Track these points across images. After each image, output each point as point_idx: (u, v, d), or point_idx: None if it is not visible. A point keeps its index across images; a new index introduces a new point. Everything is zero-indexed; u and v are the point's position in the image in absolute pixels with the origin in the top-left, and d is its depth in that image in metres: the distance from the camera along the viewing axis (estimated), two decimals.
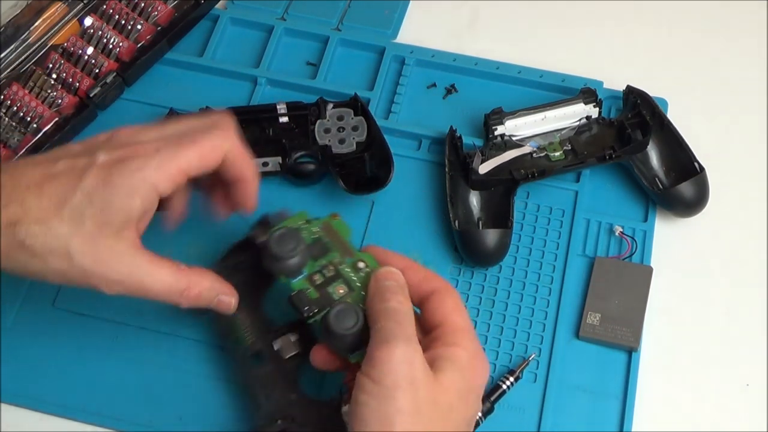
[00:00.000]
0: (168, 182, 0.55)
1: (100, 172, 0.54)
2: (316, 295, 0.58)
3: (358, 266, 0.59)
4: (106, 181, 0.54)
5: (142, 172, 0.54)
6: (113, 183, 0.54)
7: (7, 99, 0.75)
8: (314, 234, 0.60)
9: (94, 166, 0.54)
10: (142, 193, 0.54)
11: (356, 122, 0.74)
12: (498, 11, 0.84)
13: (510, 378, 0.64)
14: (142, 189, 0.54)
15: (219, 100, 0.76)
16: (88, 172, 0.54)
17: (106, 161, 0.55)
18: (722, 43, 0.81)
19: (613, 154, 0.70)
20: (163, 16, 0.80)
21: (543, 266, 0.70)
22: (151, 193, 0.55)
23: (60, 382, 0.66)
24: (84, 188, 0.54)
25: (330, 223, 0.61)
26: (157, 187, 0.55)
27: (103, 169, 0.54)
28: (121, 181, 0.54)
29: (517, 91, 0.78)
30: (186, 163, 0.56)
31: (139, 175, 0.54)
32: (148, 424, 0.64)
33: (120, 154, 0.55)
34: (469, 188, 0.71)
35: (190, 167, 0.56)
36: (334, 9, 0.82)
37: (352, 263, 0.59)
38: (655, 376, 0.66)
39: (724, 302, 0.69)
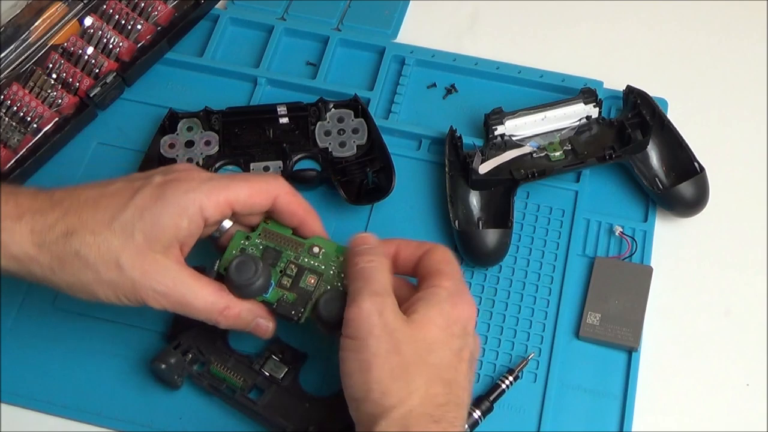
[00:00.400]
0: (215, 209, 0.59)
1: (153, 190, 0.58)
2: (294, 297, 0.61)
3: (313, 252, 0.62)
4: (157, 198, 0.57)
5: (193, 194, 0.58)
6: (164, 200, 0.57)
7: (7, 99, 0.75)
8: (260, 245, 0.62)
9: (148, 185, 0.58)
10: (190, 214, 0.58)
11: (356, 124, 0.74)
12: (498, 11, 0.84)
13: (509, 377, 0.64)
14: (190, 209, 0.58)
15: (219, 100, 0.76)
16: (142, 191, 0.58)
17: (160, 181, 0.58)
18: (722, 43, 0.81)
19: (613, 154, 0.70)
20: (163, 16, 0.80)
21: (543, 266, 0.70)
22: (197, 216, 0.58)
23: (60, 382, 0.66)
24: (136, 204, 0.57)
25: (266, 228, 0.63)
26: (204, 210, 0.58)
27: (156, 188, 0.58)
28: (172, 199, 0.57)
29: (517, 91, 0.78)
30: (234, 195, 0.59)
31: (189, 196, 0.58)
32: (148, 424, 0.64)
33: (174, 176, 0.59)
34: (469, 188, 0.71)
35: (237, 199, 0.59)
36: (334, 9, 0.82)
37: (307, 252, 0.62)
38: (655, 376, 0.66)
39: (724, 302, 0.69)
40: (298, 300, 0.60)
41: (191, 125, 0.75)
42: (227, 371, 0.64)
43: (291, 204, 0.62)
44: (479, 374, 0.66)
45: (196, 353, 0.64)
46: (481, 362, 0.66)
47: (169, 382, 0.64)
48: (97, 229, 0.56)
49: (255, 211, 0.62)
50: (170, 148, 0.74)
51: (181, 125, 0.75)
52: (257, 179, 0.62)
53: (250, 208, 0.61)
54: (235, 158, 0.73)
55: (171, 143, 0.74)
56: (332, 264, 0.62)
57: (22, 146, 0.74)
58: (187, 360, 0.64)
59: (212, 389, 0.64)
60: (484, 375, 0.66)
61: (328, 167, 0.72)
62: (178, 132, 0.74)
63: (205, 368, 0.64)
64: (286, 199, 0.62)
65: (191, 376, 0.64)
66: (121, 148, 0.76)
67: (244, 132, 0.74)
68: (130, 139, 0.76)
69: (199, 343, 0.65)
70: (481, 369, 0.66)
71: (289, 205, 0.62)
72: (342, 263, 0.61)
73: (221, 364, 0.64)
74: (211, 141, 0.74)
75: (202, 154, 0.73)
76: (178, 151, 0.73)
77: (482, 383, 0.65)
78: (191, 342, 0.64)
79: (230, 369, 0.64)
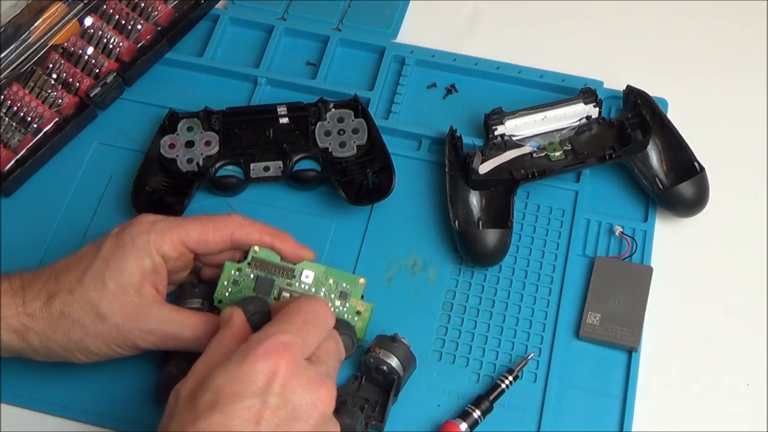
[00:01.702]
0: (169, 246, 0.61)
1: (112, 240, 0.61)
2: None
3: (303, 278, 0.64)
4: (117, 246, 0.61)
5: (146, 235, 0.61)
6: (123, 247, 0.61)
7: (8, 99, 0.75)
8: (250, 275, 0.64)
9: (108, 238, 0.62)
10: (149, 253, 0.61)
11: (356, 124, 0.74)
12: (498, 11, 0.84)
13: (509, 377, 0.64)
14: (148, 249, 0.61)
15: (219, 100, 0.76)
16: (103, 244, 0.61)
17: (116, 231, 0.62)
18: (722, 43, 0.81)
19: (613, 154, 0.70)
20: (163, 16, 0.80)
21: (543, 266, 0.70)
22: (156, 255, 0.61)
23: (60, 382, 0.66)
24: (101, 256, 0.61)
25: (255, 257, 0.64)
26: (159, 248, 0.61)
27: (114, 238, 0.62)
28: (129, 243, 0.61)
29: (517, 91, 0.78)
30: (185, 234, 0.62)
31: (143, 237, 0.61)
32: (148, 424, 0.64)
33: (128, 224, 0.62)
34: (469, 188, 0.71)
35: (189, 237, 0.62)
36: (334, 9, 0.82)
37: (298, 278, 0.64)
38: (655, 376, 0.66)
39: (724, 302, 0.69)
40: None
41: (191, 125, 0.75)
42: None
43: (250, 234, 0.64)
44: (479, 374, 0.66)
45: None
46: (481, 362, 0.66)
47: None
48: (73, 287, 0.60)
49: (212, 248, 0.64)
50: (170, 148, 0.74)
51: (181, 125, 0.75)
52: (211, 218, 0.64)
53: (205, 246, 0.63)
54: (235, 158, 0.73)
55: (171, 143, 0.74)
56: (322, 286, 0.64)
57: (23, 146, 0.74)
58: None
59: None
60: (484, 375, 0.66)
61: (328, 167, 0.72)
62: (178, 132, 0.74)
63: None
64: (242, 231, 0.63)
65: None
66: (121, 148, 0.76)
67: (244, 132, 0.74)
68: (130, 139, 0.77)
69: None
70: (481, 369, 0.66)
71: (249, 236, 0.64)
72: (331, 285, 0.63)
73: None
74: (211, 141, 0.74)
75: (202, 154, 0.73)
76: (178, 151, 0.73)
77: (482, 383, 0.66)
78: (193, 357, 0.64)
79: None
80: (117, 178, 0.75)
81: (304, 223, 0.72)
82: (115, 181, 0.75)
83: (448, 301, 0.69)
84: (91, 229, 0.72)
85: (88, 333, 0.60)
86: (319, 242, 0.70)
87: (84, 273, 0.60)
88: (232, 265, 0.64)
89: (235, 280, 0.64)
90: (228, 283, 0.64)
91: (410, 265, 0.70)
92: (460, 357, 0.67)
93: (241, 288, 0.64)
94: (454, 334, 0.68)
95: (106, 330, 0.60)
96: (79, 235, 0.72)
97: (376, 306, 0.65)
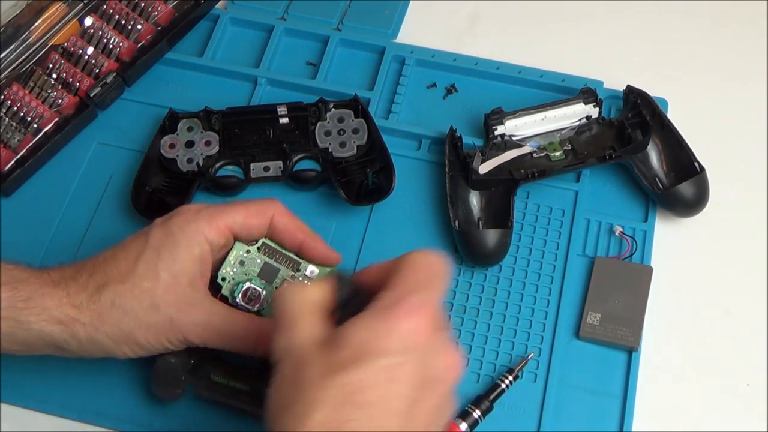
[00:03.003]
0: (216, 233, 0.61)
1: (159, 230, 0.60)
2: None
3: (308, 272, 0.64)
4: (166, 236, 0.60)
5: (194, 223, 0.60)
6: (173, 236, 0.60)
7: (8, 99, 0.75)
8: (257, 260, 0.64)
9: (154, 227, 0.61)
10: (198, 242, 0.60)
11: (356, 124, 0.74)
12: (498, 11, 0.84)
13: (509, 377, 0.64)
14: (197, 238, 0.60)
15: (219, 100, 0.76)
16: (151, 233, 0.60)
17: (161, 221, 0.61)
18: (722, 42, 0.81)
19: (613, 154, 0.70)
20: (163, 16, 0.80)
21: (543, 266, 0.70)
22: (204, 242, 0.60)
23: (60, 382, 0.66)
24: (151, 246, 0.59)
25: (266, 243, 0.64)
26: (206, 236, 0.60)
27: (161, 227, 0.60)
28: (179, 233, 0.60)
29: (517, 91, 0.78)
30: (231, 219, 0.61)
31: (191, 226, 0.60)
32: (148, 424, 0.64)
33: (172, 214, 0.61)
34: (469, 188, 0.71)
35: (235, 222, 0.62)
36: (334, 9, 0.82)
37: (302, 272, 0.64)
38: (655, 376, 0.66)
39: (724, 302, 0.69)
40: None
41: (191, 125, 0.75)
42: (228, 377, 0.63)
43: (288, 225, 0.63)
44: (479, 374, 0.66)
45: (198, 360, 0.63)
46: (481, 362, 0.66)
47: (174, 383, 0.63)
48: (124, 277, 0.59)
49: (254, 233, 0.63)
50: (170, 148, 0.74)
51: (181, 125, 0.75)
52: (254, 202, 0.64)
53: (249, 230, 0.63)
54: (235, 158, 0.73)
55: (171, 143, 0.74)
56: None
57: (23, 146, 0.74)
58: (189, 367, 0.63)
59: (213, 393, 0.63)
60: (484, 375, 0.66)
61: (328, 167, 0.72)
62: (178, 132, 0.74)
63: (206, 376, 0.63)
64: (281, 219, 0.63)
65: (193, 386, 0.63)
66: (121, 148, 0.76)
67: (244, 132, 0.74)
68: (130, 139, 0.77)
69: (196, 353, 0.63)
70: (481, 369, 0.66)
71: (286, 225, 0.63)
72: None
73: (223, 373, 0.63)
74: (212, 141, 0.74)
75: (203, 154, 0.73)
76: (178, 151, 0.73)
77: (482, 383, 0.66)
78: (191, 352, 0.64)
79: (230, 375, 0.63)
80: (117, 178, 0.75)
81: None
82: (115, 181, 0.75)
83: (448, 301, 0.69)
84: (91, 229, 0.72)
85: (140, 324, 0.58)
86: None
87: (135, 263, 0.59)
88: (241, 246, 0.63)
89: (242, 260, 0.63)
90: (235, 262, 0.63)
91: None
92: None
93: (246, 270, 0.63)
94: (454, 334, 0.68)
95: (158, 321, 0.58)
96: (79, 235, 0.72)
97: None
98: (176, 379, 0.63)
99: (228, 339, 0.60)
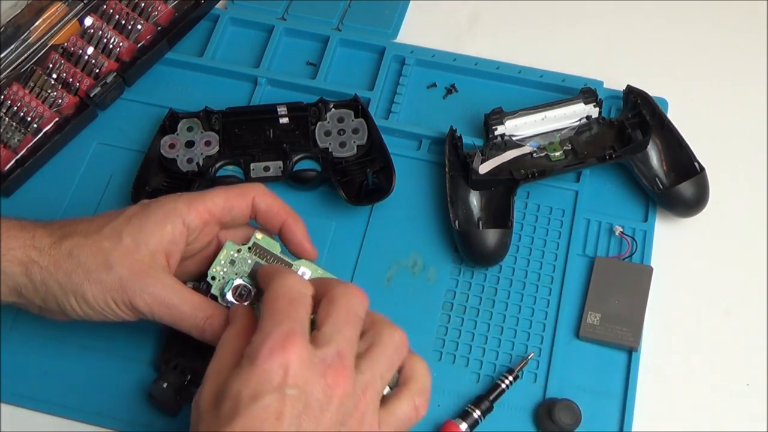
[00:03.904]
0: (195, 215, 0.61)
1: (139, 206, 0.62)
2: None
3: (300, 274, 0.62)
4: (142, 209, 0.61)
5: (173, 203, 0.61)
6: (148, 210, 0.61)
7: (8, 99, 0.75)
8: (248, 260, 0.63)
9: (134, 205, 0.63)
10: (173, 220, 0.61)
11: (356, 124, 0.74)
12: (498, 11, 0.84)
13: (509, 377, 0.64)
14: (173, 216, 0.61)
15: (219, 100, 0.76)
16: (130, 208, 0.62)
17: (144, 201, 0.63)
18: (722, 42, 0.81)
19: (613, 154, 0.70)
20: (163, 16, 0.80)
21: (543, 266, 0.70)
22: (179, 223, 0.61)
23: (60, 382, 0.66)
24: (125, 214, 0.61)
25: (257, 242, 0.64)
26: (184, 217, 0.61)
27: (141, 205, 0.62)
28: (156, 209, 0.61)
29: (517, 91, 0.78)
30: (212, 203, 0.62)
31: (170, 205, 0.61)
32: (148, 424, 0.64)
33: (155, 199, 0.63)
34: (469, 188, 0.71)
35: (215, 204, 0.62)
36: (334, 9, 0.82)
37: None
38: (655, 376, 0.66)
39: (724, 302, 0.69)
40: None
41: (191, 125, 0.75)
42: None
43: (271, 206, 0.64)
44: (479, 374, 0.66)
45: (194, 375, 0.64)
46: (481, 362, 0.66)
47: (170, 405, 0.63)
48: (89, 234, 0.60)
49: (237, 216, 0.63)
50: (170, 148, 0.74)
51: (181, 125, 0.75)
52: (234, 186, 0.64)
53: (230, 213, 0.63)
54: (235, 158, 0.73)
55: (171, 143, 0.74)
56: None
57: (23, 146, 0.74)
58: (186, 381, 0.63)
59: None
60: (484, 375, 0.66)
61: (328, 167, 0.72)
62: (178, 132, 0.74)
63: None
64: (264, 200, 0.63)
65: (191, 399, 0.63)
66: (121, 148, 0.76)
67: (244, 132, 0.74)
68: (130, 139, 0.77)
69: (194, 364, 0.64)
70: (481, 369, 0.66)
71: (270, 206, 0.63)
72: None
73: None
74: (212, 141, 0.74)
75: (202, 154, 0.73)
76: (178, 151, 0.73)
77: (482, 383, 0.66)
78: (186, 363, 0.64)
79: None
80: (117, 178, 0.75)
81: (305, 222, 0.72)
82: (115, 181, 0.75)
83: (448, 301, 0.69)
84: None
85: (90, 278, 0.59)
86: (319, 242, 0.70)
87: (103, 225, 0.61)
88: (232, 246, 0.63)
89: (232, 260, 0.63)
90: (225, 262, 0.63)
91: (410, 265, 0.70)
92: (460, 357, 0.67)
93: (237, 270, 0.63)
94: (454, 334, 0.68)
95: (108, 280, 0.59)
96: None
97: (377, 306, 0.65)
98: (170, 401, 0.63)
99: (176, 315, 0.59)
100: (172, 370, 0.64)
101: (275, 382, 0.50)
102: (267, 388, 0.50)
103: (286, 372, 0.50)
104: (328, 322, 0.53)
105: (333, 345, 0.52)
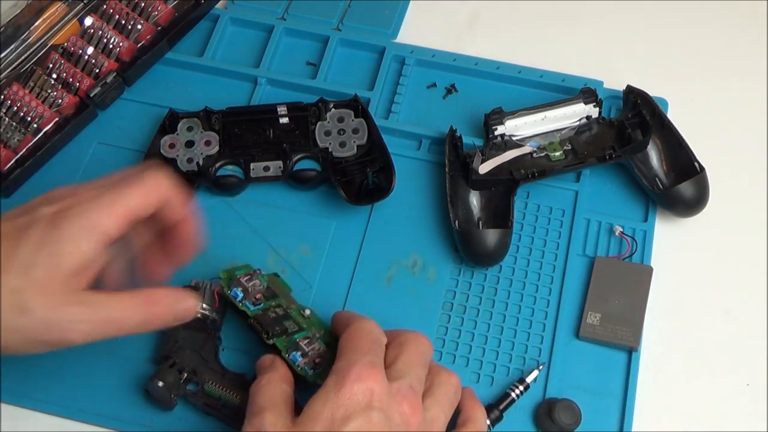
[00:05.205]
0: (116, 223, 0.55)
1: (44, 224, 0.54)
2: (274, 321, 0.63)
3: (304, 313, 0.65)
4: (52, 229, 0.53)
5: (88, 215, 0.54)
6: (60, 230, 0.53)
7: (8, 99, 0.75)
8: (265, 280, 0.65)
9: (37, 220, 0.54)
10: (90, 236, 0.54)
11: (356, 124, 0.74)
12: (498, 11, 0.84)
13: (519, 387, 0.64)
14: (89, 232, 0.54)
15: (219, 100, 0.76)
16: (32, 227, 0.54)
17: (48, 213, 0.54)
18: (722, 42, 0.81)
19: (613, 154, 0.70)
20: (163, 16, 0.80)
21: (543, 266, 0.70)
22: (99, 237, 0.55)
23: (60, 382, 0.66)
24: (30, 241, 0.53)
25: (274, 279, 0.66)
26: (106, 230, 0.55)
27: (47, 221, 0.54)
28: (68, 226, 0.54)
29: (517, 91, 0.78)
30: (132, 203, 0.56)
31: (84, 219, 0.54)
32: (148, 424, 0.64)
33: (62, 205, 0.55)
34: (469, 188, 0.71)
35: (137, 206, 0.56)
36: (334, 9, 0.82)
37: (298, 310, 0.65)
38: (655, 376, 0.66)
39: (724, 302, 0.69)
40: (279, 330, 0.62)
41: (191, 125, 0.75)
42: (222, 389, 0.63)
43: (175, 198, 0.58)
44: (479, 374, 0.66)
45: (191, 373, 0.64)
46: (481, 362, 0.66)
47: (165, 401, 0.63)
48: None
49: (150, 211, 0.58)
50: (170, 148, 0.74)
51: (181, 125, 0.75)
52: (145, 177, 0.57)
53: (146, 210, 0.57)
54: (235, 158, 0.73)
55: (171, 143, 0.74)
56: (314, 328, 0.64)
57: (23, 146, 0.74)
58: (182, 379, 0.63)
59: (207, 408, 0.63)
60: (484, 375, 0.66)
61: (328, 167, 0.72)
62: (178, 132, 0.74)
63: (200, 387, 0.64)
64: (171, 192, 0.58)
65: (186, 396, 0.64)
66: (121, 148, 0.76)
67: (244, 132, 0.74)
68: (130, 139, 0.77)
69: (192, 362, 0.64)
70: (481, 369, 0.66)
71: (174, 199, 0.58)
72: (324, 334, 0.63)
73: (215, 383, 0.64)
74: (211, 141, 0.74)
75: (202, 154, 0.73)
76: (178, 151, 0.73)
77: (482, 383, 0.66)
78: (185, 361, 0.64)
79: (225, 387, 0.63)
80: None
81: (304, 223, 0.72)
82: None
83: (448, 301, 0.69)
84: None
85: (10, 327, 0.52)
86: (319, 242, 0.71)
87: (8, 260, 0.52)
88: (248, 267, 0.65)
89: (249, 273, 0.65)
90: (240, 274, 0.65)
91: (410, 265, 0.70)
92: (460, 357, 0.67)
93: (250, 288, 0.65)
94: (454, 334, 0.68)
95: (31, 325, 0.53)
96: None
97: (377, 306, 0.65)
98: (166, 400, 0.63)
99: (116, 326, 0.56)
100: (168, 368, 0.64)
101: (363, 404, 0.53)
102: (357, 410, 0.53)
103: (372, 396, 0.53)
104: (400, 360, 0.57)
105: (406, 379, 0.55)
